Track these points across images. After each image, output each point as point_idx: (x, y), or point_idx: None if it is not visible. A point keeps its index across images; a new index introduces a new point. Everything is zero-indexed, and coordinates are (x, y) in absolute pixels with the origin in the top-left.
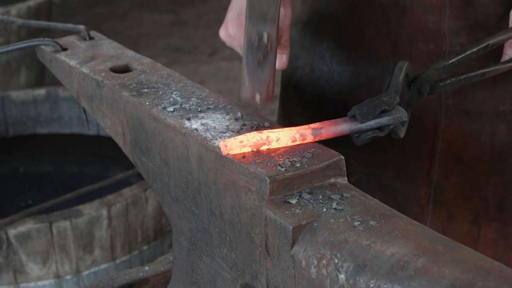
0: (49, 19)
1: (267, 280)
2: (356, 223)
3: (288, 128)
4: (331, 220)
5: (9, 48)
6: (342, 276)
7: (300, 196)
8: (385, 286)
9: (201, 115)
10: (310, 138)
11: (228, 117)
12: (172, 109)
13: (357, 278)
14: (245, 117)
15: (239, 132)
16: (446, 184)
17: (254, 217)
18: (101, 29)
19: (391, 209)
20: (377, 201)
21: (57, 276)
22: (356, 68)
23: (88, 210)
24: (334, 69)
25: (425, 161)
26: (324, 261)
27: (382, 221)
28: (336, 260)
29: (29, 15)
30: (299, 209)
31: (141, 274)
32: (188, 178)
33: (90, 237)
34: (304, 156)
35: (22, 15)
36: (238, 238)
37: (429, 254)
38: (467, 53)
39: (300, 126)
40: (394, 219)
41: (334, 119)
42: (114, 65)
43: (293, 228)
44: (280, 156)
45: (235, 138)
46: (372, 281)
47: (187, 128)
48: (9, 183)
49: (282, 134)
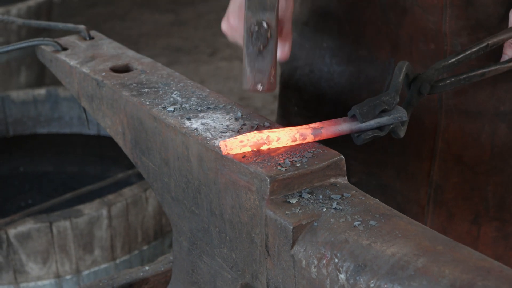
0: (49, 19)
1: (267, 280)
2: (356, 223)
3: (288, 128)
4: (331, 220)
5: (9, 48)
6: (342, 276)
7: (300, 196)
8: (385, 286)
9: (201, 114)
10: (310, 138)
11: (228, 117)
12: (172, 109)
13: (357, 278)
14: (245, 117)
15: (239, 132)
16: (446, 184)
17: (254, 217)
18: (101, 29)
19: (391, 209)
20: (377, 201)
21: (57, 276)
22: (356, 69)
23: (88, 210)
24: (334, 69)
25: (425, 161)
26: (324, 261)
27: (382, 221)
28: (336, 260)
29: (29, 15)
30: (299, 209)
31: (141, 274)
32: (188, 177)
33: (90, 237)
34: (304, 156)
35: (22, 15)
36: (238, 238)
37: (429, 254)
38: (467, 53)
39: (300, 126)
40: (394, 219)
41: (334, 119)
42: (114, 65)
43: (293, 228)
44: (280, 156)
45: (235, 138)
46: (372, 281)
47: (187, 127)
48: (9, 182)
49: (282, 134)
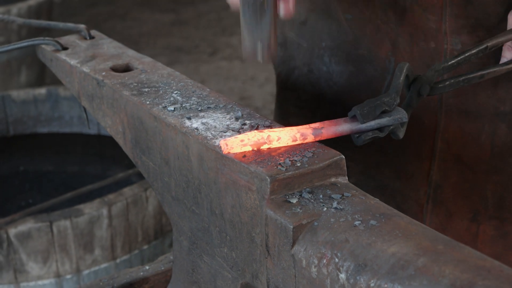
0: (49, 18)
1: (267, 280)
2: (356, 223)
3: (288, 128)
4: (332, 220)
5: (10, 47)
6: (342, 276)
7: (300, 195)
8: (386, 286)
9: (201, 114)
10: (310, 138)
11: (228, 116)
12: (172, 108)
13: (358, 278)
14: (245, 116)
15: (239, 131)
16: (446, 183)
17: (254, 217)
18: (101, 29)
19: (392, 208)
20: (377, 200)
21: (58, 275)
22: (356, 68)
23: (89, 209)
24: (333, 69)
25: (424, 161)
26: (324, 261)
27: (383, 220)
28: (336, 260)
29: (30, 14)
30: (300, 209)
31: (141, 274)
32: (189, 177)
33: (91, 237)
34: (304, 156)
35: (23, 15)
36: (238, 238)
37: (430, 253)
38: (466, 55)
39: (301, 126)
40: (394, 218)
41: (335, 119)
42: (115, 64)
43: (294, 228)
44: (280, 156)
45: (236, 137)
46: (372, 281)
47: (187, 127)
48: (10, 182)
49: (283, 134)
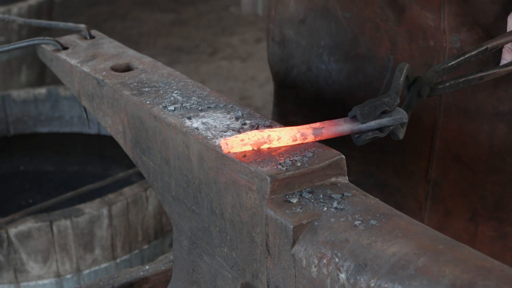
0: (50, 18)
1: (267, 279)
2: (356, 222)
3: (289, 127)
4: (332, 219)
5: (10, 47)
6: (342, 276)
7: (300, 195)
8: (386, 286)
9: (201, 114)
10: (311, 138)
11: (229, 116)
12: (172, 108)
13: (358, 278)
14: (245, 116)
15: (239, 131)
16: (444, 181)
17: (254, 216)
18: (101, 29)
19: (392, 208)
20: (377, 200)
21: (58, 275)
22: (355, 67)
23: (89, 209)
24: (332, 67)
25: (423, 160)
26: (324, 260)
27: (383, 220)
28: (336, 260)
29: (30, 14)
30: (300, 208)
31: (141, 273)
32: (189, 177)
33: (91, 236)
34: (305, 155)
35: (23, 14)
36: (238, 237)
37: (430, 253)
38: (466, 56)
39: (301, 126)
40: (394, 218)
41: (335, 119)
42: (115, 64)
43: (294, 227)
44: (281, 155)
45: (236, 136)
46: (372, 280)
47: (187, 127)
48: (10, 182)
49: (283, 133)
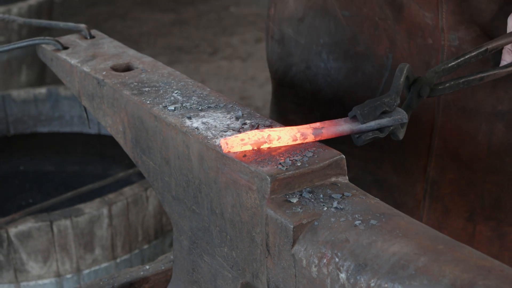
0: (50, 18)
1: (267, 279)
2: (357, 222)
3: (289, 127)
4: (332, 219)
5: (10, 47)
6: (343, 275)
7: (301, 195)
8: (386, 285)
9: (202, 114)
10: (310, 138)
11: (229, 116)
12: (173, 108)
13: (358, 277)
14: (246, 116)
15: (240, 131)
16: (443, 179)
17: (254, 216)
18: (102, 28)
19: (392, 208)
20: (378, 200)
21: (58, 274)
22: (354, 65)
23: (89, 209)
24: (331, 65)
25: (421, 158)
26: (325, 260)
27: (383, 220)
28: (337, 259)
29: (30, 14)
30: (300, 208)
31: (141, 273)
32: (189, 177)
33: (91, 236)
34: (305, 155)
35: (23, 14)
36: (238, 237)
37: (430, 253)
38: (466, 57)
39: (301, 126)
40: (395, 218)
41: (335, 119)
42: (115, 64)
43: (294, 227)
44: (281, 155)
45: (236, 136)
46: (373, 280)
47: (188, 126)
48: (10, 181)
49: (283, 133)
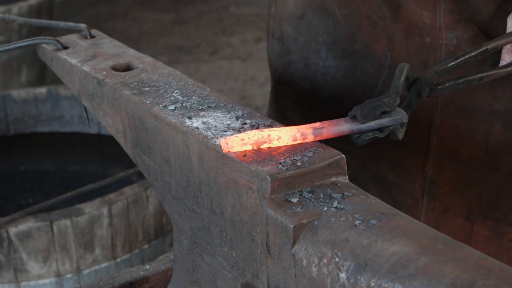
0: (50, 17)
1: (268, 279)
2: (357, 222)
3: (289, 127)
4: (332, 219)
5: (10, 46)
6: (343, 275)
7: (301, 194)
8: (386, 285)
9: (202, 113)
10: (311, 138)
11: (229, 116)
12: (173, 108)
13: (358, 277)
14: (246, 115)
15: (240, 131)
16: (441, 178)
17: (255, 216)
18: (102, 28)
19: (392, 208)
20: (378, 200)
21: (58, 274)
22: (352, 63)
23: (89, 208)
24: (330, 64)
25: (420, 156)
26: (325, 260)
27: (383, 220)
28: (337, 259)
29: (30, 13)
30: (300, 208)
31: (141, 273)
32: (189, 176)
33: (91, 236)
34: (305, 155)
35: (23, 14)
36: (239, 237)
37: (430, 253)
38: (466, 57)
39: (301, 125)
40: (395, 218)
41: (335, 119)
42: (115, 64)
43: (294, 227)
44: (281, 155)
45: (236, 136)
46: (373, 280)
47: (188, 126)
48: (10, 181)
49: (283, 133)
